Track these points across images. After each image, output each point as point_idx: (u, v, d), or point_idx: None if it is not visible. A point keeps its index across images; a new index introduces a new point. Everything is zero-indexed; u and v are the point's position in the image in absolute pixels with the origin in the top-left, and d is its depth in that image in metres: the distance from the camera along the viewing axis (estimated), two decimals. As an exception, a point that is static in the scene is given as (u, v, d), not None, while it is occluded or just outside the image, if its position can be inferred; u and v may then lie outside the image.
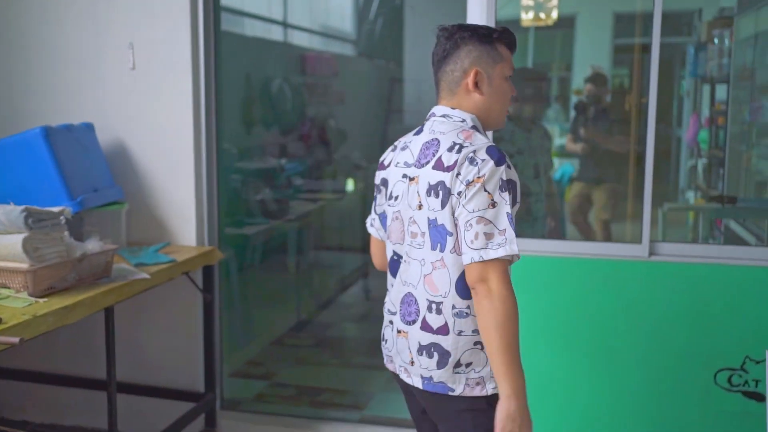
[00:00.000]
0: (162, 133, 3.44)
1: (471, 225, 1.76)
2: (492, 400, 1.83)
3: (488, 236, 1.74)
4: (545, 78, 5.94)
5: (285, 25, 6.07)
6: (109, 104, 3.48)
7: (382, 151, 2.14)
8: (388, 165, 2.04)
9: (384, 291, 2.11)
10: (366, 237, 2.31)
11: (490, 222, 1.75)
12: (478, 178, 1.76)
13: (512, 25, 4.78)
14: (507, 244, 1.74)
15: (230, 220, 4.25)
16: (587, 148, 4.89)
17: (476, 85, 1.92)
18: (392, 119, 7.86)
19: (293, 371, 4.26)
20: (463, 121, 1.92)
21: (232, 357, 4.11)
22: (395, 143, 2.07)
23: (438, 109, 1.98)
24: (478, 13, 3.06)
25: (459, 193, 1.79)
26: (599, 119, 4.96)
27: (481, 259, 1.74)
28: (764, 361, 2.93)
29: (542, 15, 6.33)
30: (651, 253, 3.06)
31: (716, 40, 5.78)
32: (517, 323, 1.75)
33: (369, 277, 5.94)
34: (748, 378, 2.97)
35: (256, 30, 5.52)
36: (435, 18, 2.29)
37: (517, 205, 1.83)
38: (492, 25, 3.03)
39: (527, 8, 5.99)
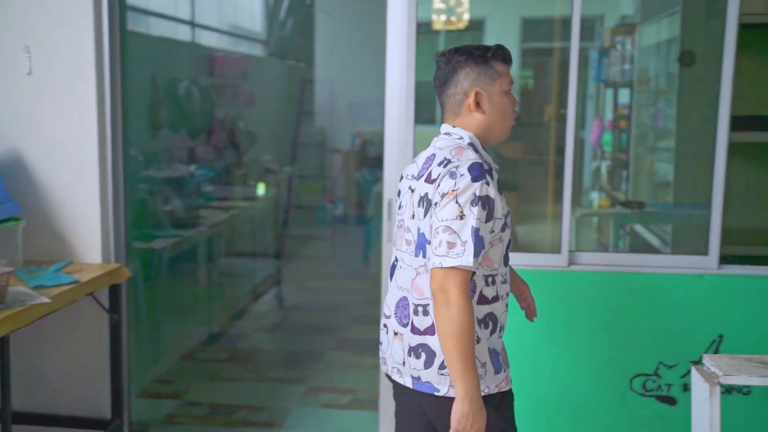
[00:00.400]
0: (62, 142, 3.22)
1: (438, 232, 1.88)
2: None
3: (450, 245, 1.86)
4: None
5: (193, 24, 5.85)
6: (2, 113, 3.23)
7: (293, 154, 2.09)
8: (402, 177, 2.18)
9: (298, 299, 2.06)
10: (279, 242, 2.23)
11: (455, 232, 1.86)
12: (453, 190, 1.89)
13: (424, 27, 4.75)
14: (464, 255, 1.85)
15: (138, 233, 4.04)
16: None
17: (478, 104, 2.03)
18: (303, 121, 7.76)
19: (205, 388, 4.10)
20: (461, 138, 2.04)
21: (140, 376, 3.91)
22: (416, 157, 2.19)
23: (443, 127, 2.11)
24: (399, 15, 3.02)
25: (435, 204, 1.92)
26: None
27: (441, 266, 1.86)
28: (676, 366, 3.03)
29: (453, 18, 6.36)
30: (570, 263, 3.09)
31: (619, 47, 5.97)
32: (472, 330, 1.87)
33: (282, 284, 5.81)
34: (661, 383, 3.05)
35: (162, 30, 5.29)
36: (347, 19, 2.22)
37: (495, 221, 1.94)
38: (414, 25, 3.02)
39: (439, 11, 6.00)
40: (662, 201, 4.83)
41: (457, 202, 1.88)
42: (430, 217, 1.94)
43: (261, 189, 6.23)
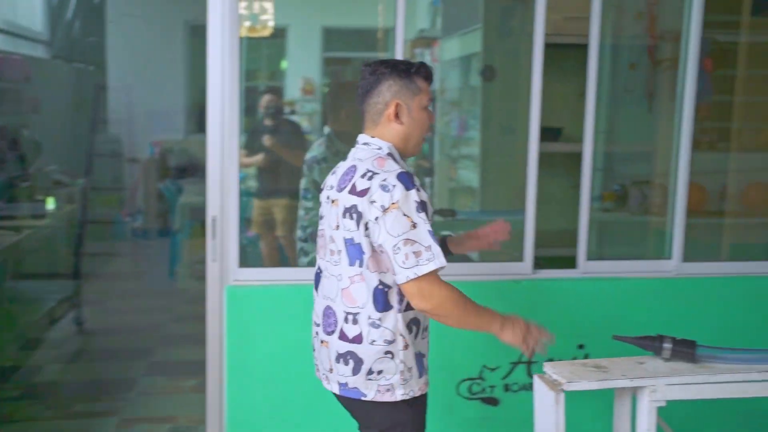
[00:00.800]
0: None
1: (399, 248, 1.95)
2: (400, 405, 2.10)
3: (417, 254, 1.95)
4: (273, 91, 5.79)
5: (-38, 22, 5.20)
6: None
7: (87, 164, 1.92)
8: (322, 188, 2.23)
9: (100, 322, 1.89)
10: (75, 261, 2.03)
11: (416, 242, 1.95)
12: (393, 204, 1.95)
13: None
14: (435, 258, 1.95)
15: None
16: (265, 160, 4.64)
17: (397, 116, 2.11)
18: (97, 129, 7.20)
19: (-2, 431, 3.64)
20: (380, 148, 2.11)
21: None
22: (335, 167, 2.25)
23: (361, 137, 2.17)
24: (220, 19, 2.88)
25: (376, 219, 1.97)
26: (278, 131, 4.84)
27: (416, 276, 1.94)
28: (498, 368, 3.16)
29: (257, 26, 6.23)
30: (397, 274, 3.12)
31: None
32: (466, 302, 2.03)
33: (81, 307, 5.33)
34: (485, 385, 3.17)
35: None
36: (141, 20, 2.08)
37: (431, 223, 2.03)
38: (236, 30, 2.92)
39: (242, 18, 5.83)
40: (466, 208, 5.04)
41: (404, 214, 1.95)
42: (366, 231, 2.00)
43: (51, 203, 5.67)
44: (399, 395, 2.08)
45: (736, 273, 3.30)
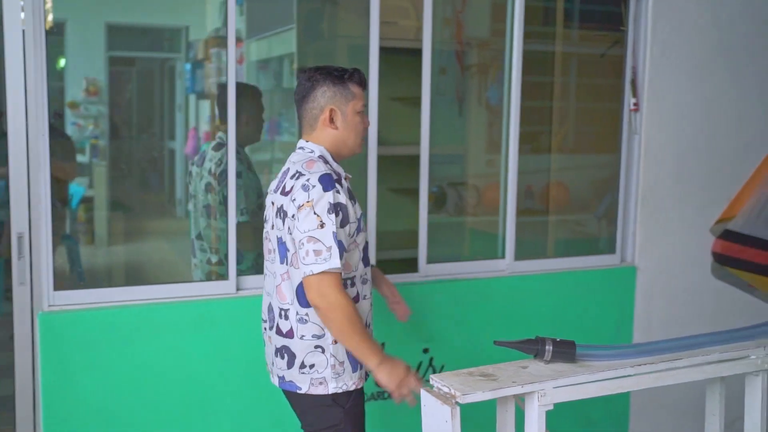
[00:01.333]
0: None
1: (303, 243, 2.04)
2: (335, 397, 2.16)
3: (317, 252, 2.03)
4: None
5: None
6: None
7: None
8: (268, 193, 2.32)
9: None
10: None
11: (319, 240, 2.03)
12: (308, 202, 2.05)
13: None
14: (331, 259, 2.02)
15: None
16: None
17: (332, 120, 2.21)
18: None
19: None
20: (312, 152, 2.22)
21: None
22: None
23: (299, 143, 2.27)
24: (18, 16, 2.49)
25: (293, 216, 2.08)
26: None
27: (312, 273, 2.02)
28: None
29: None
30: (238, 288, 2.90)
31: (215, 59, 5.90)
32: (358, 317, 2.07)
33: None
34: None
35: None
36: None
37: (350, 225, 2.12)
38: (42, 30, 2.64)
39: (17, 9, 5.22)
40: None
41: (315, 212, 2.04)
42: (288, 228, 2.10)
43: None
44: (331, 388, 2.16)
45: (562, 268, 3.47)
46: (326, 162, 2.19)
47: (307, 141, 2.24)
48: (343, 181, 2.18)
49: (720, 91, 3.62)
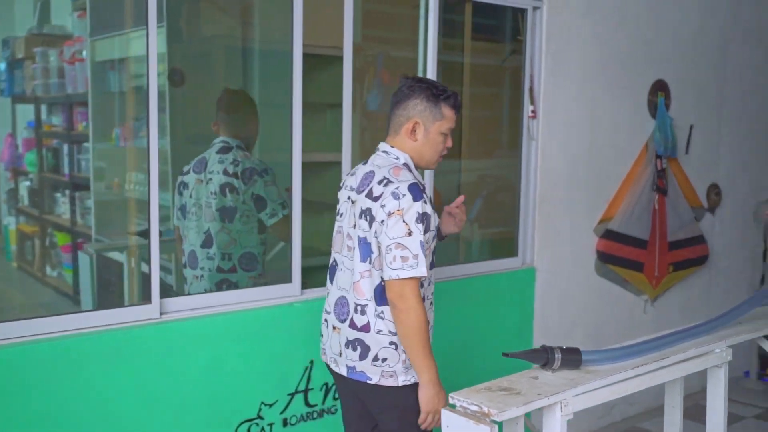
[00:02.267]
0: None
1: (391, 249, 2.15)
2: (403, 388, 2.26)
3: (404, 259, 2.13)
4: None
5: None
6: None
7: None
8: (341, 187, 2.43)
9: None
10: None
11: (407, 248, 2.14)
12: (398, 210, 2.16)
13: None
14: (418, 266, 2.13)
15: None
16: None
17: (413, 131, 2.29)
18: None
19: None
20: (397, 158, 2.30)
21: None
22: (353, 169, 2.44)
23: (382, 145, 2.36)
24: None
25: (382, 221, 2.18)
26: None
27: (398, 278, 2.14)
28: (276, 402, 2.87)
29: None
30: (162, 312, 2.62)
31: (40, 59, 5.36)
32: (428, 327, 2.20)
33: None
34: (263, 424, 2.86)
35: None
36: None
37: (430, 233, 2.23)
38: None
39: None
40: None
41: (404, 221, 2.14)
42: (375, 232, 2.20)
43: None
44: (401, 381, 2.26)
45: (470, 274, 3.52)
46: (410, 170, 2.28)
47: (391, 146, 2.32)
48: (425, 189, 2.25)
49: (600, 102, 3.88)
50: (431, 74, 3.31)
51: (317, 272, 3.10)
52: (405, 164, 2.29)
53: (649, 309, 4.28)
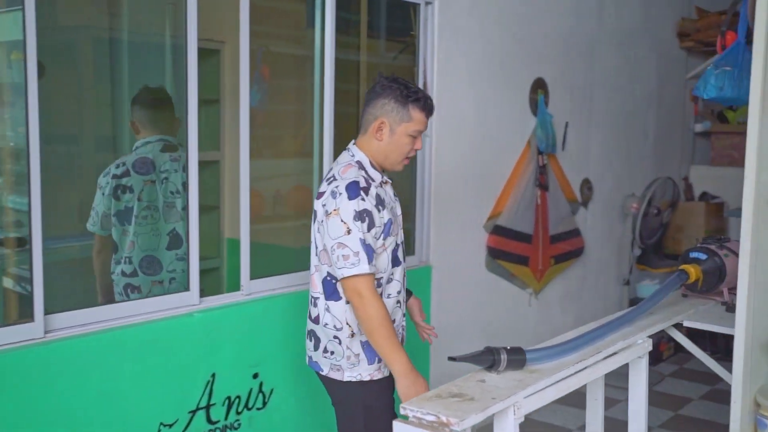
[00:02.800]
0: None
1: (334, 249, 2.19)
2: (350, 385, 2.31)
3: (345, 258, 2.18)
4: None
5: None
6: None
7: None
8: None
9: None
10: None
11: (347, 246, 2.18)
12: (335, 210, 2.20)
13: None
14: (360, 264, 2.17)
15: None
16: None
17: (379, 131, 2.30)
18: None
19: None
20: (353, 156, 2.34)
21: None
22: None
23: (350, 143, 2.40)
24: None
25: (321, 221, 2.25)
26: None
27: (343, 276, 2.18)
28: (176, 421, 2.64)
29: None
30: (47, 331, 2.32)
31: None
32: (389, 320, 2.21)
33: None
34: (163, 447, 2.62)
35: None
36: None
37: (376, 229, 2.24)
38: None
39: None
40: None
41: (342, 220, 2.19)
42: (318, 228, 2.29)
43: None
44: (346, 376, 2.31)
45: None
46: (362, 168, 2.30)
47: (354, 144, 2.37)
48: (373, 188, 2.26)
49: (487, 99, 3.92)
50: (329, 72, 3.18)
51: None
52: (358, 162, 2.32)
53: (534, 302, 4.39)
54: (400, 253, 2.38)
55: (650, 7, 5.24)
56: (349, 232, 2.16)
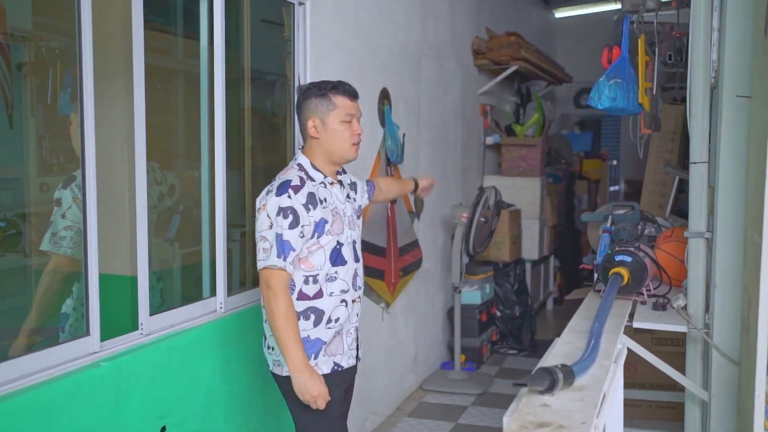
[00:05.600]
0: None
1: (257, 242, 2.30)
2: (287, 379, 2.34)
3: (264, 250, 2.28)
4: None
5: None
6: None
7: None
8: None
9: None
10: None
11: (267, 239, 2.27)
12: (263, 205, 2.30)
13: None
14: (270, 258, 2.25)
15: None
16: None
17: (314, 129, 2.40)
18: None
19: None
20: (295, 159, 2.46)
21: None
22: None
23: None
24: None
25: (255, 216, 2.34)
26: None
27: (259, 267, 2.28)
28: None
29: None
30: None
31: None
32: (292, 316, 2.27)
33: None
34: None
35: None
36: None
37: (303, 228, 2.29)
38: None
39: None
40: None
41: (267, 215, 2.27)
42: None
43: None
44: (285, 371, 2.35)
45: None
46: (302, 169, 2.38)
47: (300, 149, 2.47)
48: (307, 187, 2.31)
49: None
50: (219, 75, 2.79)
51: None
52: (299, 164, 2.40)
53: (386, 315, 4.30)
54: (346, 253, 2.41)
55: (456, 23, 5.47)
56: (270, 226, 2.24)
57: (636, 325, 2.56)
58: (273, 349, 2.39)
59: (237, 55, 3.02)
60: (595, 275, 3.02)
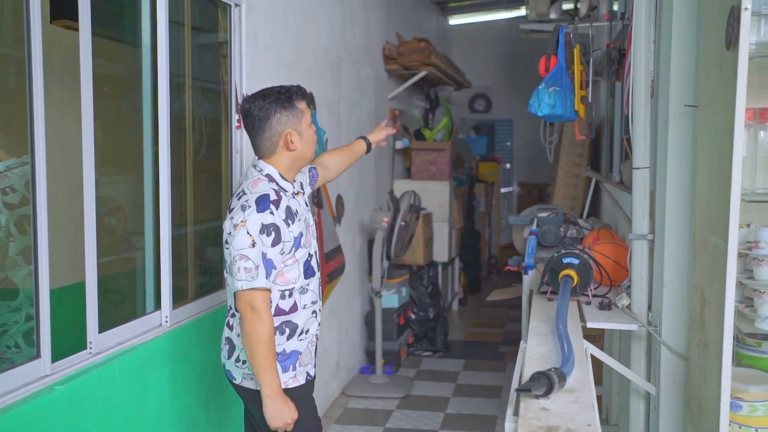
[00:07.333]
0: None
1: (236, 260, 2.17)
2: (260, 393, 2.25)
3: (247, 270, 2.16)
4: None
5: None
6: None
7: None
8: None
9: None
10: None
11: (249, 259, 2.15)
12: (242, 221, 2.17)
13: None
14: (258, 278, 2.16)
15: None
16: None
17: (291, 142, 2.30)
18: None
19: None
20: (261, 170, 2.31)
21: None
22: None
23: (254, 159, 2.36)
24: None
25: (229, 233, 2.21)
26: None
27: (242, 289, 2.16)
28: None
29: None
30: None
31: None
32: (273, 340, 2.21)
33: None
34: None
35: None
36: None
37: (284, 244, 2.22)
38: None
39: None
40: None
41: (248, 232, 2.15)
42: (226, 242, 2.22)
43: None
44: (257, 384, 2.24)
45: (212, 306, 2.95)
46: (272, 180, 2.27)
47: (260, 159, 2.32)
48: (284, 200, 2.24)
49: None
50: (163, 84, 2.66)
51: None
52: (267, 175, 2.29)
53: (314, 323, 4.23)
54: (314, 263, 2.38)
55: (369, 29, 5.47)
56: (253, 245, 2.14)
57: (590, 325, 2.65)
58: (245, 362, 2.29)
59: (178, 60, 2.88)
60: (541, 277, 3.09)
